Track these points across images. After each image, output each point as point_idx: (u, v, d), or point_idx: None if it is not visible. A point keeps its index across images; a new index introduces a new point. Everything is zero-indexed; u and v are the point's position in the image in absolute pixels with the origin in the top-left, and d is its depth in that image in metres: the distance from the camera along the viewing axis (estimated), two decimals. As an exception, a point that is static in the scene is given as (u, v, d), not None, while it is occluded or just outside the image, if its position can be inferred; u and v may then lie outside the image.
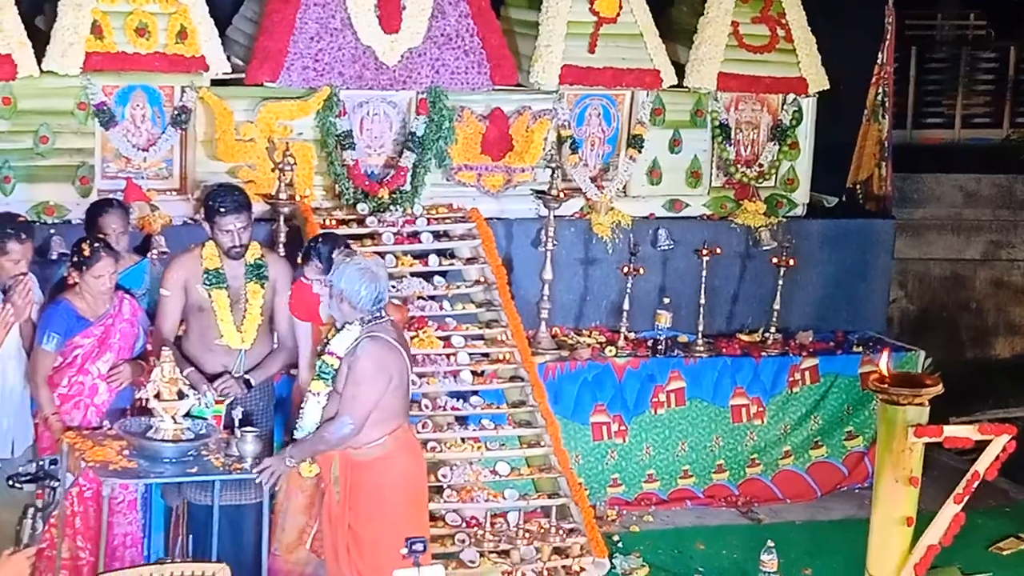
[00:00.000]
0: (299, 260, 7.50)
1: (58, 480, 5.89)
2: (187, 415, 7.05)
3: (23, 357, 7.26)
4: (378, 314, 6.83)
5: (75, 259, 7.30)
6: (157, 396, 6.95)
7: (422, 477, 7.23)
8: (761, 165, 10.27)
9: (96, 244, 7.30)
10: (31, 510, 5.52)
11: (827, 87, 10.35)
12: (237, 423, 7.26)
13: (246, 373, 7.56)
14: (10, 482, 5.88)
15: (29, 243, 7.28)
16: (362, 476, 6.87)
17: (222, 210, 7.48)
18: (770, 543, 7.97)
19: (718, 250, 9.78)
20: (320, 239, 7.55)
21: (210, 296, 7.51)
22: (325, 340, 6.98)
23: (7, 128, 8.55)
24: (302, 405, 7.04)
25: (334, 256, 7.15)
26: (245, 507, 7.40)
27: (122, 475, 6.79)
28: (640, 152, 9.93)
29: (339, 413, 6.78)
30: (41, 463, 5.82)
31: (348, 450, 6.85)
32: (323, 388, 6.88)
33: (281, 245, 8.62)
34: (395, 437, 6.93)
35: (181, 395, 6.99)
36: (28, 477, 5.84)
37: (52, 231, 8.45)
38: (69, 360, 7.32)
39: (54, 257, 8.31)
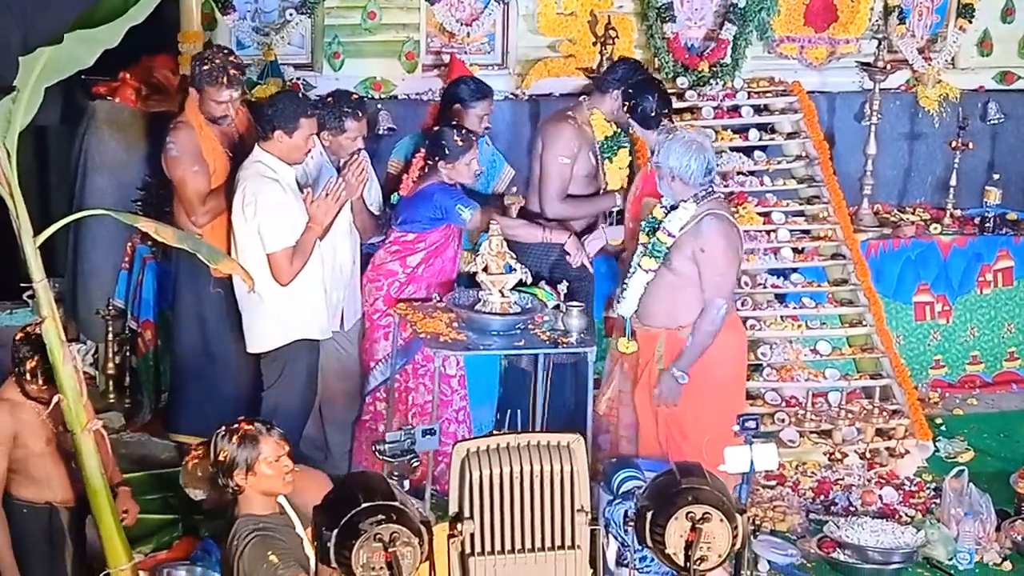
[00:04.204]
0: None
1: (418, 457, 5.84)
2: (514, 288, 7.11)
3: (354, 233, 7.36)
4: (710, 187, 6.77)
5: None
6: (485, 269, 7.04)
7: (744, 354, 7.22)
8: (1099, 35, 9.79)
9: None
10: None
11: None
12: (562, 297, 7.33)
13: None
14: (375, 447, 5.94)
15: (364, 121, 7.31)
16: None
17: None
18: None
19: (1052, 124, 9.40)
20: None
21: (602, 163, 7.76)
22: (652, 218, 6.95)
23: (336, 4, 8.69)
24: (625, 281, 7.06)
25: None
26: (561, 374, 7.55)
27: (452, 347, 6.93)
28: (970, 22, 9.57)
29: (707, 300, 6.76)
30: (411, 436, 5.74)
31: (676, 329, 6.87)
32: (654, 265, 6.85)
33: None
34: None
35: (509, 269, 7.08)
36: (394, 452, 5.80)
37: (379, 106, 8.60)
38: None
39: (381, 132, 8.47)
